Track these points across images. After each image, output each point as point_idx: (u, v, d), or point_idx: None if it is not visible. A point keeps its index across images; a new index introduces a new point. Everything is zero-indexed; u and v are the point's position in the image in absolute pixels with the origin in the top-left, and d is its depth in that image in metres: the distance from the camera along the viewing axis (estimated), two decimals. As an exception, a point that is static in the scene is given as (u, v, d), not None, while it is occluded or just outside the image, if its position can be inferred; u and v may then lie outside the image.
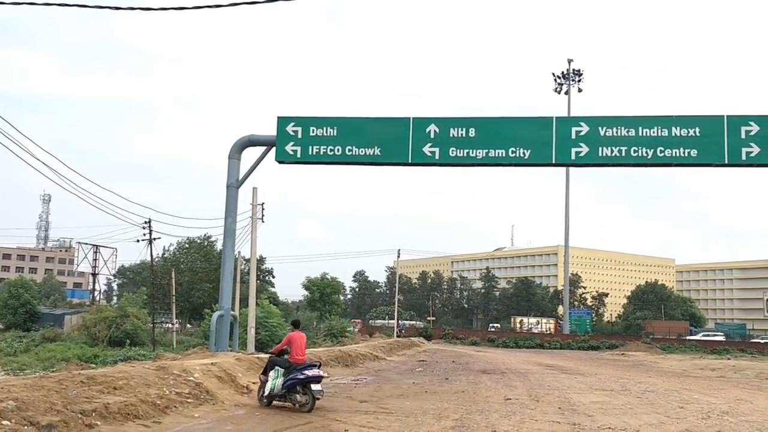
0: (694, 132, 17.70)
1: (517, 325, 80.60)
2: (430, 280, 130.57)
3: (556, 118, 18.68)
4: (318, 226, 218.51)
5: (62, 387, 9.51)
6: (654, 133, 17.82)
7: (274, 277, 77.48)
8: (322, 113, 24.80)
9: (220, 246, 40.53)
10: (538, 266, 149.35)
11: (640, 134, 17.87)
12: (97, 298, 66.72)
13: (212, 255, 58.07)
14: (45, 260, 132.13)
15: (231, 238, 20.34)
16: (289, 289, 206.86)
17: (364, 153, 18.79)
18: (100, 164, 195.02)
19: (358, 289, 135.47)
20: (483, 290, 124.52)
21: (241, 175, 19.86)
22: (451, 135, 18.46)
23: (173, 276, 44.79)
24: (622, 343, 58.67)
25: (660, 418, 11.97)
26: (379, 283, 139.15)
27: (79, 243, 63.39)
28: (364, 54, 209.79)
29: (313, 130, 19.02)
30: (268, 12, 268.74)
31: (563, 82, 76.98)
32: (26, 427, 7.66)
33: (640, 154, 17.80)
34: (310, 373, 11.39)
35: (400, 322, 75.57)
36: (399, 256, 71.52)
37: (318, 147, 18.93)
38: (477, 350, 49.14)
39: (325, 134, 18.97)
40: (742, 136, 17.47)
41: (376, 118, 19.37)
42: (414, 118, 18.79)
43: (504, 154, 18.27)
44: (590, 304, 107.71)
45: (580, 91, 76.86)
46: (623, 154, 17.87)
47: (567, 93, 76.53)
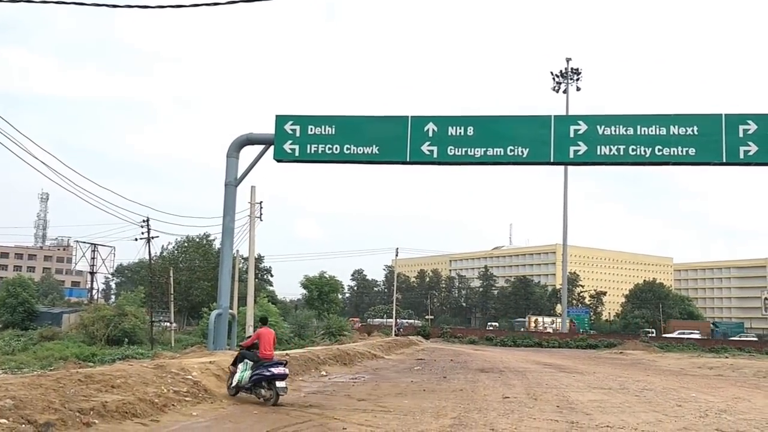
0: (692, 131, 17.64)
1: (532, 325, 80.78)
2: (428, 279, 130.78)
3: (555, 117, 18.59)
4: (316, 224, 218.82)
5: (60, 385, 9.51)
6: (652, 131, 17.77)
7: (272, 276, 77.88)
8: (321, 112, 24.83)
9: (218, 244, 40.45)
10: (536, 265, 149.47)
11: (639, 133, 17.82)
12: (95, 297, 66.72)
13: (210, 253, 58.15)
14: (43, 259, 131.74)
15: (229, 236, 20.33)
16: (288, 287, 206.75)
17: (362, 151, 18.73)
18: (99, 163, 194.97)
19: (356, 288, 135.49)
20: (481, 289, 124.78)
21: (240, 174, 19.83)
22: (450, 134, 18.39)
23: (171, 274, 44.76)
24: (621, 342, 58.86)
25: (658, 417, 12.00)
26: (378, 281, 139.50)
27: (77, 242, 63.18)
28: (363, 53, 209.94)
29: (312, 129, 18.95)
30: (267, 10, 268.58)
31: (562, 80, 76.92)
32: (24, 426, 7.65)
33: (639, 153, 17.75)
34: (276, 370, 12.05)
35: (399, 320, 75.64)
36: (397, 255, 71.54)
37: (316, 145, 18.87)
38: (475, 349, 49.14)
39: (324, 133, 18.90)
40: (740, 135, 17.39)
41: (375, 116, 19.31)
42: (412, 117, 18.72)
43: (502, 153, 18.21)
44: (588, 303, 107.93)
45: (579, 89, 76.80)
46: (621, 153, 17.82)
47: (565, 92, 76.54)
